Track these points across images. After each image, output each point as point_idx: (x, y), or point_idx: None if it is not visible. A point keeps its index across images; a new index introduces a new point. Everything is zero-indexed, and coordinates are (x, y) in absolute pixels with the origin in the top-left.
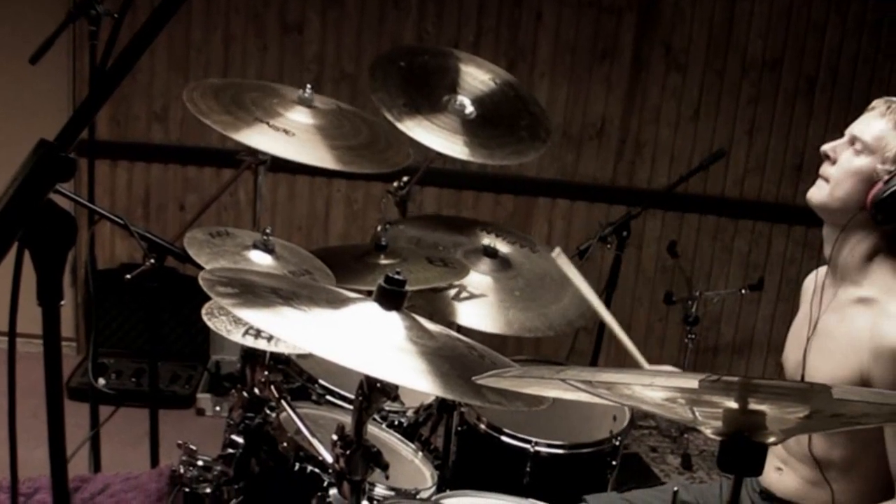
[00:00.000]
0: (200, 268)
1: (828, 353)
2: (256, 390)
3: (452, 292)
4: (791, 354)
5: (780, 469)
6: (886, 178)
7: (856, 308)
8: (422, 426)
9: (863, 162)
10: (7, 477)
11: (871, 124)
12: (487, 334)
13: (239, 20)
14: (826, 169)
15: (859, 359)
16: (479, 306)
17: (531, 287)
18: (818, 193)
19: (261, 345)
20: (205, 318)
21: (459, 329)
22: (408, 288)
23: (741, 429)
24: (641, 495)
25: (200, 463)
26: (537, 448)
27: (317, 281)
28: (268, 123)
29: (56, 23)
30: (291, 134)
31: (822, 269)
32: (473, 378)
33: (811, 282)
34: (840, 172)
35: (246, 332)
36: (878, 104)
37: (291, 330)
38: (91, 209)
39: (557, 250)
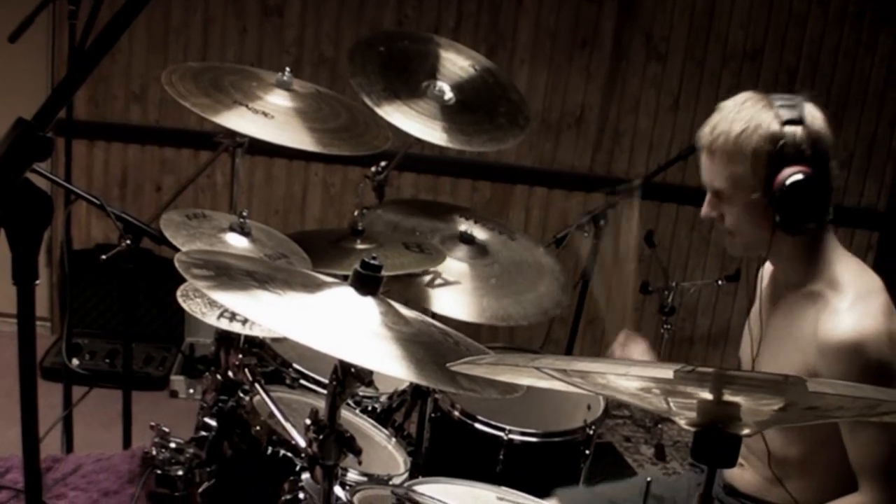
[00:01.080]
0: (176, 249)
1: (776, 350)
2: (230, 373)
3: (427, 279)
4: (745, 351)
5: (741, 465)
6: (766, 200)
7: (801, 303)
8: (395, 412)
9: (739, 203)
10: None
11: (713, 170)
12: (462, 321)
13: (219, 2)
14: (721, 225)
15: (805, 355)
16: (454, 293)
17: (507, 275)
18: (734, 248)
19: (235, 328)
20: (180, 300)
21: (434, 316)
22: (384, 273)
23: (715, 420)
24: (611, 488)
25: (173, 445)
26: (511, 436)
27: (293, 265)
28: (247, 106)
29: (35, 1)
30: (270, 116)
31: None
32: (448, 365)
33: (764, 274)
34: (733, 223)
35: (221, 315)
36: (702, 144)
37: (266, 313)
38: (68, 189)
39: None
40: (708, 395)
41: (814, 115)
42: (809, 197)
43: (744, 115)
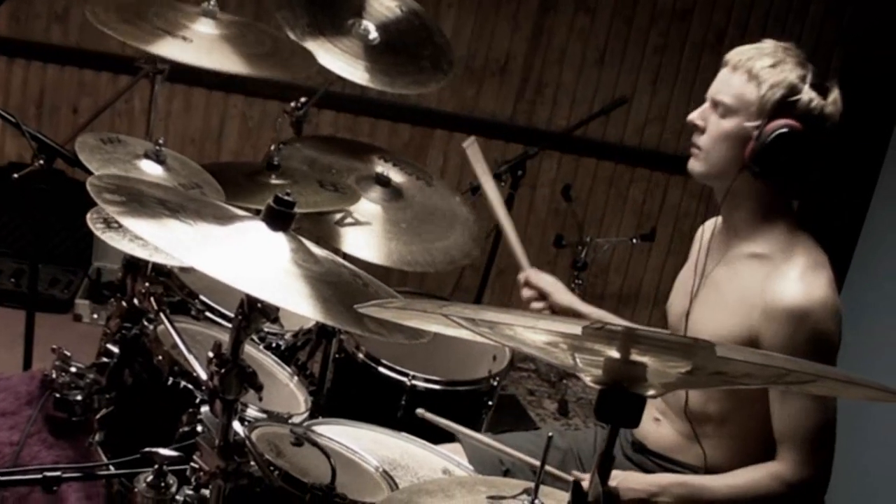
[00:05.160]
0: (90, 173)
1: (715, 306)
2: (136, 301)
3: (337, 217)
4: (676, 303)
5: (657, 420)
6: (756, 133)
7: (748, 263)
8: (300, 350)
9: (730, 124)
10: None
11: (727, 83)
12: (372, 264)
13: None
14: (697, 139)
15: (749, 316)
16: (363, 234)
17: (419, 221)
18: (696, 165)
19: (143, 255)
20: (90, 223)
21: (344, 255)
22: (297, 210)
23: (621, 379)
24: (514, 438)
25: (73, 370)
26: (414, 382)
27: (206, 196)
28: (169, 33)
29: None
30: (190, 40)
31: (719, 219)
32: (355, 306)
33: (705, 230)
34: (710, 140)
35: (130, 241)
36: (731, 57)
37: (175, 243)
38: None
39: (471, 140)
40: (615, 354)
41: (836, 101)
42: (790, 154)
43: (781, 55)
